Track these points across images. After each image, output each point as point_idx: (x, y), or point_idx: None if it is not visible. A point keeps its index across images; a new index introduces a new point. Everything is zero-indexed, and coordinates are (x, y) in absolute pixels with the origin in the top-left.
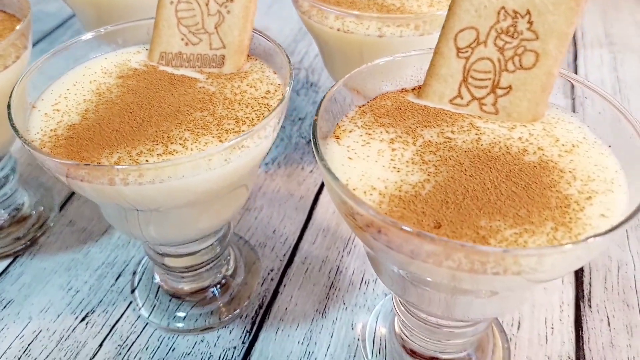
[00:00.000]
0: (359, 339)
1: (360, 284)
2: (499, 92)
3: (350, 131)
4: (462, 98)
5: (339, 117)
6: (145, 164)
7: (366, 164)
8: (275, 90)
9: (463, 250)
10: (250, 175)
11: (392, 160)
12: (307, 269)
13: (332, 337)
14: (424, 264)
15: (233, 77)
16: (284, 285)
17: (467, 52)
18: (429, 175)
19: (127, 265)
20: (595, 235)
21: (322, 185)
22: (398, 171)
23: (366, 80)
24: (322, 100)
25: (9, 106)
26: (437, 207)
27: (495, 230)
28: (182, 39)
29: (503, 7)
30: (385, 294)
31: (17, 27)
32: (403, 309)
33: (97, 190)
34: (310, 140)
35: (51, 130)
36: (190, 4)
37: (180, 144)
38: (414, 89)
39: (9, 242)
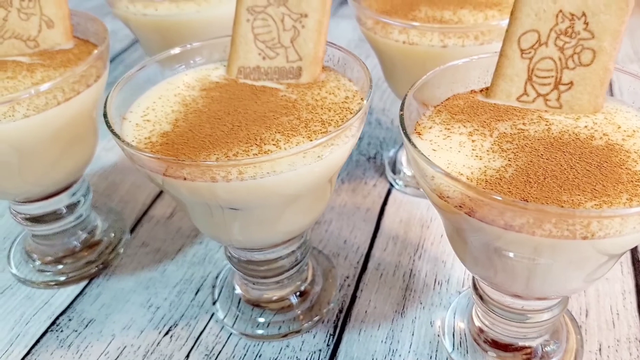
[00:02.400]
0: (439, 335)
1: (434, 284)
2: (562, 87)
3: (430, 127)
4: (528, 95)
5: (417, 118)
6: (247, 158)
7: (450, 154)
8: (354, 96)
9: (558, 215)
10: (336, 172)
11: (473, 150)
12: (382, 274)
13: (413, 334)
14: (517, 234)
15: (311, 86)
16: (361, 290)
17: (530, 52)
18: (509, 160)
19: (204, 280)
20: None
21: (387, 196)
22: (480, 159)
23: (440, 81)
24: (405, 96)
25: (105, 115)
26: (521, 187)
27: (577, 203)
28: (259, 54)
29: (561, 11)
30: (459, 292)
31: (96, 51)
32: (484, 296)
33: (194, 189)
34: (370, 158)
35: (145, 138)
36: (266, 21)
37: (273, 144)
38: (482, 90)
39: (82, 265)
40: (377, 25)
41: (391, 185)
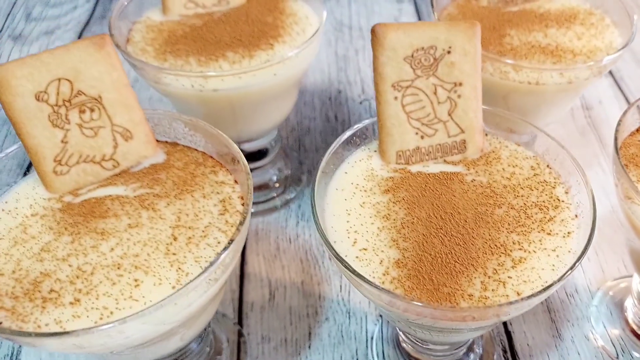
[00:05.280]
0: (601, 346)
1: (568, 298)
2: None
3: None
4: None
5: None
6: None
7: None
8: (537, 165)
9: None
10: None
11: None
12: None
13: (579, 354)
14: None
15: (488, 161)
16: (510, 324)
17: None
18: None
19: (356, 358)
20: None
21: None
22: None
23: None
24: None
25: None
26: None
27: None
28: (417, 133)
29: None
30: (591, 301)
31: (249, 180)
32: None
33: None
34: None
35: (383, 274)
36: (417, 96)
37: (519, 249)
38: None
39: None
40: (484, 64)
41: None
